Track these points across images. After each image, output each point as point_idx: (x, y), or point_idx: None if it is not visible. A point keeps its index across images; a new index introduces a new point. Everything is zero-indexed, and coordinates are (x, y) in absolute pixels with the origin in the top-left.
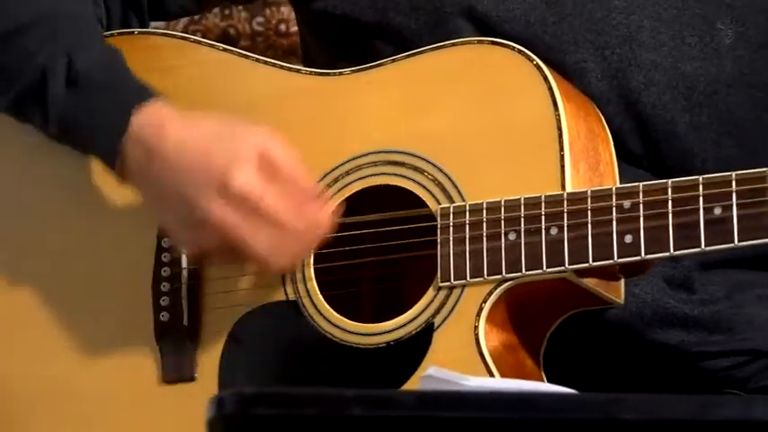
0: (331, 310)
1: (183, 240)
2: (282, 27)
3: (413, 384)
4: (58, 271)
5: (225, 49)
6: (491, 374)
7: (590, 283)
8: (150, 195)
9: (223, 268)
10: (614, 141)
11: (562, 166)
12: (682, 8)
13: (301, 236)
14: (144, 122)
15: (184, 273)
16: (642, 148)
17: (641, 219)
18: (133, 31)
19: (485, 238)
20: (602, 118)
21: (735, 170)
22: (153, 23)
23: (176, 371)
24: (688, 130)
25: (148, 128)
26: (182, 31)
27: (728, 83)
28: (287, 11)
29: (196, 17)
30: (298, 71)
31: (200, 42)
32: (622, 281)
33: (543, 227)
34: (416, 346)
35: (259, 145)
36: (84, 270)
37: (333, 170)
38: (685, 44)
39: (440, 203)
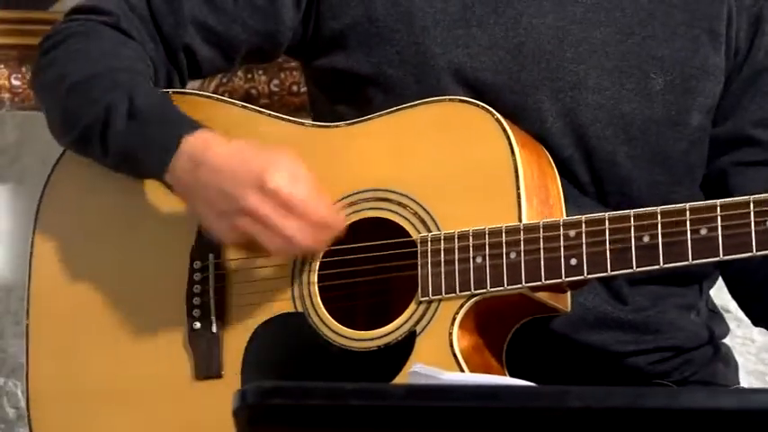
0: (332, 319)
1: (224, 230)
2: (294, 88)
3: (401, 380)
4: (111, 284)
5: (244, 107)
6: (462, 371)
7: (542, 296)
8: (195, 197)
9: (245, 286)
10: (565, 169)
11: (519, 202)
12: (621, 60)
13: (319, 229)
14: (192, 142)
15: (212, 289)
16: (588, 175)
17: (584, 245)
18: (168, 91)
19: (456, 261)
20: (551, 159)
21: (663, 194)
22: (190, 82)
23: (206, 369)
24: (626, 161)
25: (196, 145)
26: (212, 91)
27: (659, 121)
28: (297, 74)
29: (225, 80)
30: (302, 124)
31: (225, 101)
32: (569, 293)
33: (504, 252)
34: (402, 349)
35: (290, 160)
36: (132, 285)
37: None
38: (624, 89)
39: (420, 233)
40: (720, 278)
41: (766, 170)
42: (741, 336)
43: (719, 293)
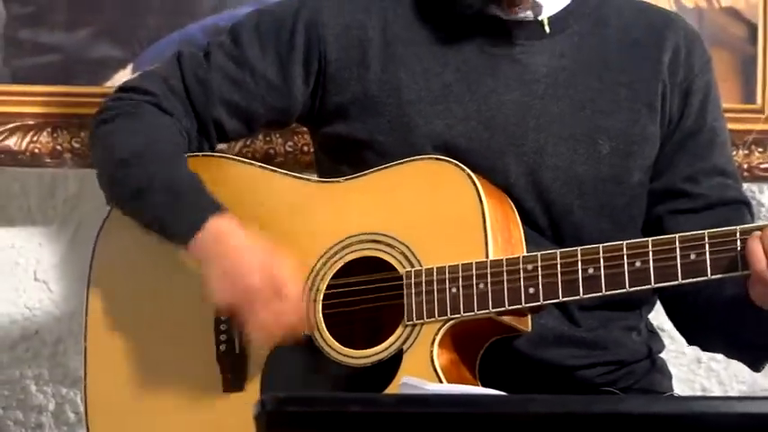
0: (334, 341)
1: (226, 305)
2: (305, 148)
3: (391, 390)
4: (153, 312)
5: (261, 166)
6: (441, 383)
7: (507, 319)
8: (208, 265)
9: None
10: (527, 218)
11: (486, 242)
12: (574, 130)
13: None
14: (214, 227)
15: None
16: (547, 222)
17: (540, 277)
18: (198, 155)
19: (435, 291)
20: (514, 206)
21: (609, 239)
22: (219, 145)
23: (232, 384)
24: (578, 211)
25: (217, 231)
26: (237, 152)
27: (606, 180)
28: (308, 137)
29: (248, 142)
30: (309, 180)
31: (245, 161)
32: (529, 317)
33: (474, 283)
34: (392, 364)
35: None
36: (170, 313)
37: (333, 246)
38: (577, 153)
39: (405, 268)
40: (658, 302)
41: (694, 216)
42: (674, 350)
43: (657, 315)
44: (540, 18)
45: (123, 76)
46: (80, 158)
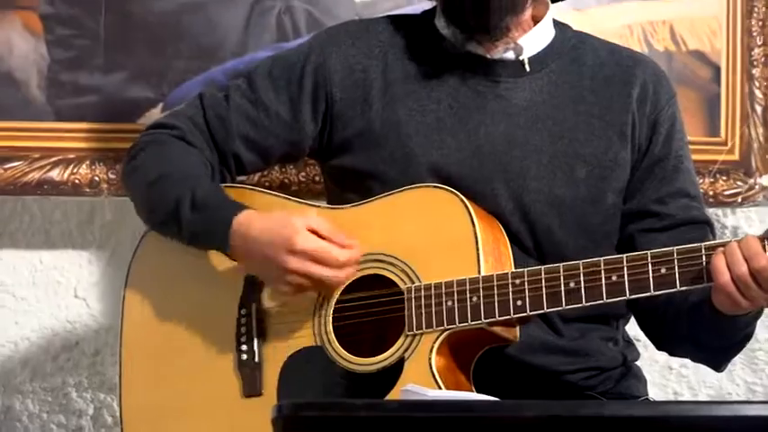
0: (342, 350)
1: (270, 281)
2: (317, 178)
3: (395, 395)
4: (181, 324)
5: (277, 195)
6: (439, 387)
7: (497, 329)
8: (250, 264)
9: (278, 327)
10: (514, 239)
11: (478, 260)
12: (554, 157)
13: (347, 268)
14: (239, 220)
15: (255, 329)
16: (531, 242)
17: (526, 291)
18: (222, 185)
19: (433, 305)
20: (503, 229)
21: (587, 255)
22: (239, 177)
23: (251, 389)
24: (559, 231)
25: (242, 223)
26: (256, 182)
27: (583, 201)
28: (318, 168)
29: (266, 172)
30: (319, 206)
31: (263, 191)
32: (517, 327)
33: (468, 297)
34: (395, 371)
35: (305, 221)
36: (196, 325)
37: None
38: (556, 178)
39: (406, 284)
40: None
41: (662, 234)
42: (648, 358)
43: (633, 327)
44: (521, 58)
45: (154, 114)
46: (116, 188)
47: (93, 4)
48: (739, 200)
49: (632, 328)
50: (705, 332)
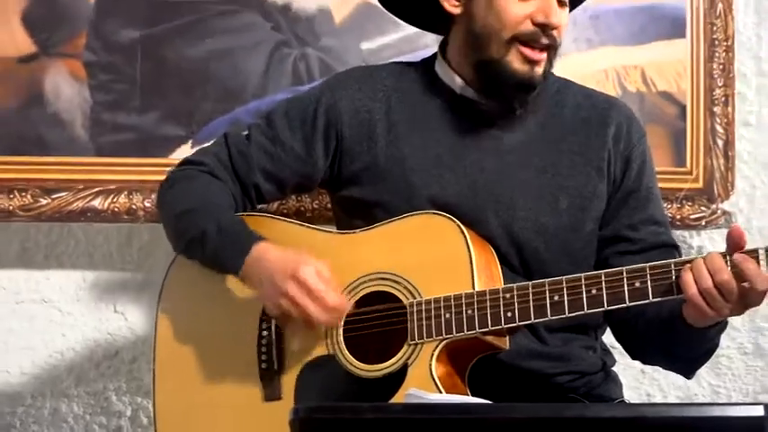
0: (352, 357)
1: (272, 307)
2: (328, 206)
3: (399, 398)
4: (208, 336)
5: (293, 222)
6: (439, 390)
7: (489, 338)
8: (257, 286)
9: (296, 337)
10: (503, 260)
11: (472, 278)
12: (539, 189)
13: (330, 312)
14: (256, 251)
15: (274, 341)
16: (518, 263)
17: (516, 303)
18: (245, 213)
19: (433, 317)
20: (494, 251)
21: (574, 273)
22: (259, 206)
23: (271, 394)
24: (544, 254)
25: (258, 252)
26: (275, 210)
27: (565, 228)
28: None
29: (283, 201)
30: (330, 232)
31: (281, 218)
32: (508, 336)
33: (464, 310)
34: (399, 376)
35: (314, 262)
36: (222, 337)
37: (351, 283)
38: (542, 207)
39: (408, 299)
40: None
41: (635, 257)
42: (624, 364)
43: (609, 337)
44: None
45: (184, 149)
46: (151, 215)
47: (130, 52)
48: (703, 223)
49: (609, 338)
50: (677, 344)
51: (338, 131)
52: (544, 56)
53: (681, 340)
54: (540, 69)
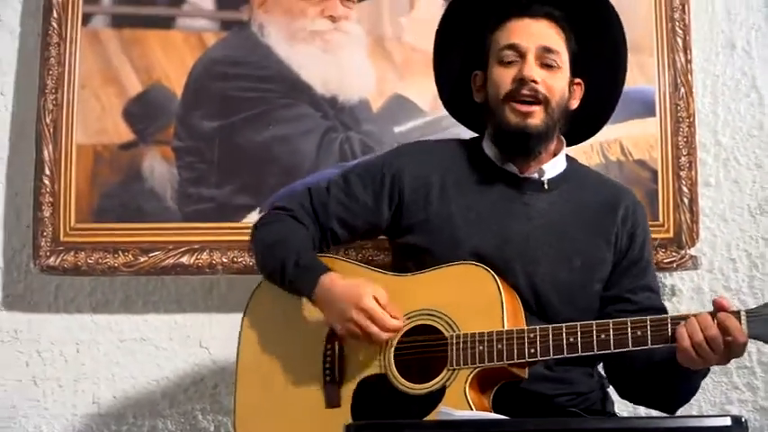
0: (400, 377)
1: (340, 329)
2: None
3: (435, 415)
4: (283, 355)
5: (358, 264)
6: (471, 408)
7: (513, 369)
8: (327, 309)
9: (355, 356)
10: (526, 305)
11: (503, 319)
12: (557, 251)
13: (387, 332)
14: (325, 282)
15: (337, 358)
16: (536, 309)
17: (538, 342)
18: (318, 255)
19: (468, 349)
20: (518, 297)
21: (579, 320)
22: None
23: (332, 403)
24: (558, 305)
25: (327, 284)
26: (343, 253)
27: (576, 285)
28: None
29: (352, 246)
30: (386, 273)
31: (346, 260)
32: (527, 368)
33: (495, 344)
34: (438, 395)
35: (373, 290)
36: (294, 356)
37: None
38: (558, 266)
39: (449, 333)
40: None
41: (631, 315)
42: None
43: None
44: (542, 179)
45: (253, 215)
46: (228, 269)
47: (209, 139)
48: (674, 266)
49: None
50: (665, 384)
51: (401, 191)
52: (534, 108)
53: (669, 382)
54: (534, 121)
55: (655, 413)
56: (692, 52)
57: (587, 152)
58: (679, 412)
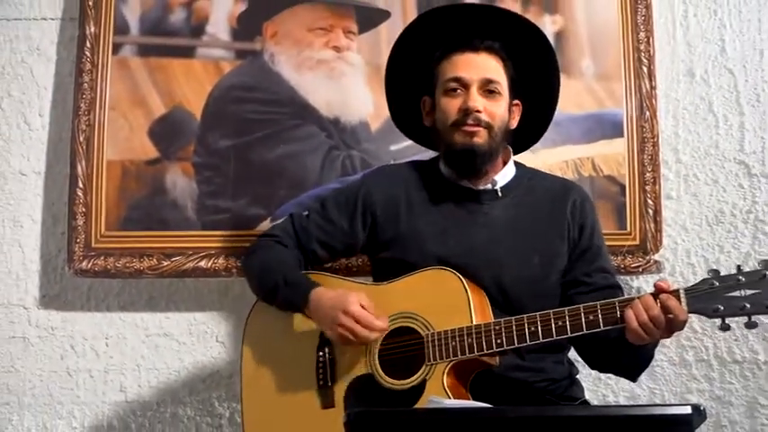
0: (384, 374)
1: (331, 334)
2: (367, 264)
3: (421, 403)
4: (280, 363)
5: (340, 277)
6: (449, 398)
7: (484, 358)
8: (318, 318)
9: (344, 360)
10: (493, 301)
11: (470, 315)
12: (519, 251)
13: (374, 331)
14: (314, 295)
15: (328, 365)
16: (504, 304)
17: (503, 333)
18: (304, 272)
19: (443, 345)
20: (486, 295)
21: (544, 310)
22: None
23: (327, 403)
24: (522, 298)
25: (316, 296)
26: (328, 267)
27: (536, 280)
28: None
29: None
30: (367, 283)
31: (330, 275)
32: (497, 357)
33: (465, 338)
34: (420, 388)
35: (357, 297)
36: (289, 362)
37: None
38: (520, 265)
39: (424, 332)
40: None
41: (589, 296)
42: (585, 373)
43: (573, 353)
44: (495, 188)
45: (265, 224)
46: (242, 273)
47: (225, 156)
48: (640, 270)
49: (573, 354)
50: (624, 356)
51: (373, 213)
52: (478, 129)
53: (627, 353)
54: (479, 140)
55: (623, 400)
56: (656, 79)
57: (563, 168)
58: (643, 401)
